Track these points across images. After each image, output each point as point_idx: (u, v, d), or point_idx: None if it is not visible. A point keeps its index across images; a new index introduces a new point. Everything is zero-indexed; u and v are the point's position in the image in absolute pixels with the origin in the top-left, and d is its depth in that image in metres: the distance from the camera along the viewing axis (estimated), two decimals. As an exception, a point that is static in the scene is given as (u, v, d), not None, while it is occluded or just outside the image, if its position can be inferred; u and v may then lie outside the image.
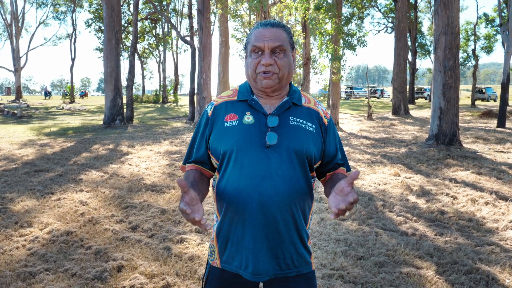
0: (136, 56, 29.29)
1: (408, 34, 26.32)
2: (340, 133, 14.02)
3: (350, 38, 15.14)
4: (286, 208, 1.43)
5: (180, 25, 38.34)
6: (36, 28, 40.82)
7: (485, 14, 29.85)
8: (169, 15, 35.01)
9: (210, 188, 1.81)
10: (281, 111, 1.49)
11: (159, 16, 29.27)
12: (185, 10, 37.25)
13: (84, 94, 49.94)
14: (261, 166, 1.42)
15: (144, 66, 41.64)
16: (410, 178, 6.82)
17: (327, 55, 14.69)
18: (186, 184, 1.25)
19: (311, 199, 1.53)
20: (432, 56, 10.38)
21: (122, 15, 25.10)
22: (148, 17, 28.63)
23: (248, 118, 1.48)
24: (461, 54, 30.65)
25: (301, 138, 1.47)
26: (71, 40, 35.96)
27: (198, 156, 1.58)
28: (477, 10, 28.55)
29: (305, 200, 1.49)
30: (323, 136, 1.55)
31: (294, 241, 1.47)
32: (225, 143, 1.47)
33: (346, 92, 48.56)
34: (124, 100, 18.48)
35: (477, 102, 36.37)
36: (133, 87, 17.98)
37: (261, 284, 1.56)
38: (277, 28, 1.48)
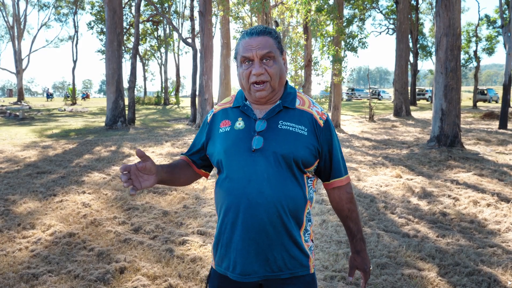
0: (138, 58, 29.37)
1: (409, 36, 26.34)
2: (341, 134, 14.02)
3: (351, 40, 15.15)
4: (273, 210, 1.43)
5: (182, 27, 38.45)
6: (38, 30, 40.97)
7: (486, 16, 29.85)
8: (171, 17, 35.09)
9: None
10: (270, 116, 1.51)
11: (161, 18, 29.33)
12: (187, 12, 37.35)
13: (86, 96, 50.12)
14: (247, 170, 1.44)
15: (145, 68, 41.73)
16: (411, 179, 6.82)
17: (329, 57, 14.70)
18: (143, 153, 1.40)
19: (304, 201, 1.51)
20: (434, 57, 10.38)
21: (124, 17, 25.19)
22: (150, 19, 28.68)
23: (239, 124, 1.52)
24: (463, 56, 30.64)
25: (289, 142, 1.46)
26: (72, 42, 36.11)
27: (192, 154, 1.70)
28: (479, 11, 28.57)
29: (295, 202, 1.48)
30: (318, 138, 1.53)
31: (285, 243, 1.47)
32: (217, 149, 1.53)
33: (347, 93, 48.57)
34: (126, 102, 18.53)
35: (479, 104, 36.32)
36: (135, 88, 18.01)
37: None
38: (263, 36, 1.49)
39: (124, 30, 28.54)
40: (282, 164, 1.45)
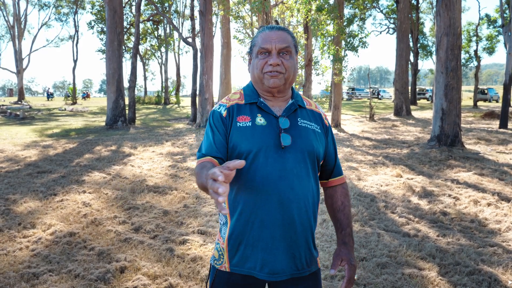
0: (138, 58, 29.37)
1: (410, 35, 26.31)
2: (342, 134, 14.02)
3: (352, 39, 15.14)
4: (302, 207, 1.46)
5: (182, 27, 38.43)
6: (39, 29, 40.96)
7: (487, 15, 29.82)
8: (171, 16, 35.08)
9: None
10: (289, 113, 1.54)
11: (161, 17, 29.32)
12: (187, 12, 37.33)
13: (86, 96, 50.11)
14: (277, 167, 1.45)
15: (146, 67, 41.70)
16: (412, 179, 6.82)
17: (329, 56, 14.70)
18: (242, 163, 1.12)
19: (318, 199, 1.57)
20: (434, 57, 10.37)
21: (124, 16, 25.19)
22: (150, 18, 28.67)
23: (260, 120, 1.51)
24: (463, 55, 30.62)
25: (311, 139, 1.52)
26: (73, 41, 36.08)
27: (219, 153, 1.49)
28: (479, 11, 28.53)
29: (315, 199, 1.53)
30: (326, 136, 1.62)
31: (308, 240, 1.51)
32: (243, 143, 1.47)
33: (348, 93, 48.54)
34: (126, 102, 18.54)
35: (479, 103, 36.30)
36: (135, 88, 18.01)
37: (266, 286, 1.57)
38: (282, 31, 1.54)
39: (125, 30, 28.54)
40: (307, 161, 1.49)
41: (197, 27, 19.07)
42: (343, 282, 1.49)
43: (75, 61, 35.35)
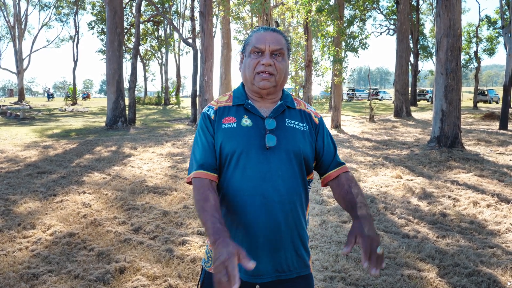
0: (138, 58, 29.36)
1: (410, 36, 26.31)
2: (341, 135, 14.02)
3: (352, 40, 15.16)
4: (287, 208, 1.45)
5: (182, 27, 38.46)
6: (39, 30, 40.99)
7: (487, 16, 29.83)
8: (171, 17, 35.10)
9: None
10: (277, 114, 1.53)
11: (162, 18, 29.35)
12: (187, 12, 37.36)
13: (86, 96, 50.14)
14: (261, 168, 1.44)
15: (146, 68, 41.70)
16: (412, 180, 6.82)
17: (329, 57, 14.72)
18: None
19: (307, 200, 1.56)
20: (434, 58, 10.38)
21: (124, 17, 25.19)
22: (151, 19, 28.70)
23: (246, 121, 1.51)
24: (463, 56, 30.63)
25: (298, 139, 1.51)
26: (73, 42, 36.10)
27: (210, 161, 1.49)
28: (479, 12, 28.56)
29: (303, 200, 1.52)
30: (316, 134, 1.60)
31: (295, 242, 1.49)
32: (227, 145, 1.48)
33: (348, 94, 48.57)
34: (127, 102, 18.53)
35: (479, 104, 36.28)
36: (135, 89, 18.03)
37: (257, 286, 1.57)
38: (277, 33, 1.55)
39: (125, 30, 28.53)
40: (293, 161, 1.48)
41: (197, 28, 19.08)
42: (363, 256, 1.26)
43: (75, 62, 35.38)
